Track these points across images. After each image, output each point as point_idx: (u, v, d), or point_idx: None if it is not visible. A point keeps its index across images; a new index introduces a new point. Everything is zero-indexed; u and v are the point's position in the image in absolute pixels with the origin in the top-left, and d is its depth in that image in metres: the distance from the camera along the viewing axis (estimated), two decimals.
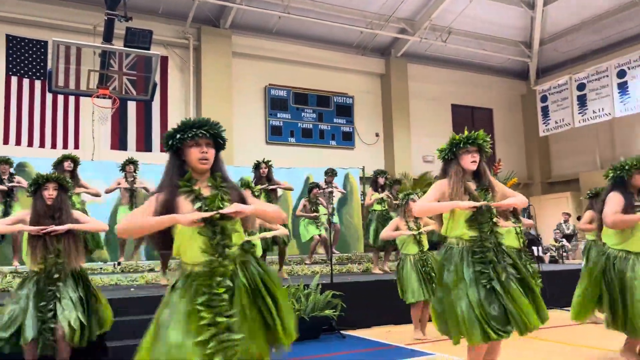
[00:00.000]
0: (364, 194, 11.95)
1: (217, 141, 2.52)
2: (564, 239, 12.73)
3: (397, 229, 5.51)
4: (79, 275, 3.89)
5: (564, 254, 12.36)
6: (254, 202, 2.52)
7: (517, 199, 3.26)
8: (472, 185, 3.27)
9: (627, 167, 4.02)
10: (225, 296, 2.32)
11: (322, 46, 13.83)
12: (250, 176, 10.34)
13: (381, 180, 8.52)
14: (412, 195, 5.62)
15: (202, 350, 2.22)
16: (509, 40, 15.16)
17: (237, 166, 11.28)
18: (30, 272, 3.83)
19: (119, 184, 7.45)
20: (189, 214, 2.31)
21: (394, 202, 8.07)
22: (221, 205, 2.37)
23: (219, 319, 2.28)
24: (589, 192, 6.48)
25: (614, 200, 3.95)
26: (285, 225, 6.74)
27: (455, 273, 3.12)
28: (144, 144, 11.79)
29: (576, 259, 12.42)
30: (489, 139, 3.34)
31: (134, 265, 8.00)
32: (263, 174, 7.67)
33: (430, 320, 3.59)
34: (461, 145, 3.28)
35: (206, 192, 2.44)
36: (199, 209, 2.36)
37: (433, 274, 5.13)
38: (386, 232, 5.61)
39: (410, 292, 5.31)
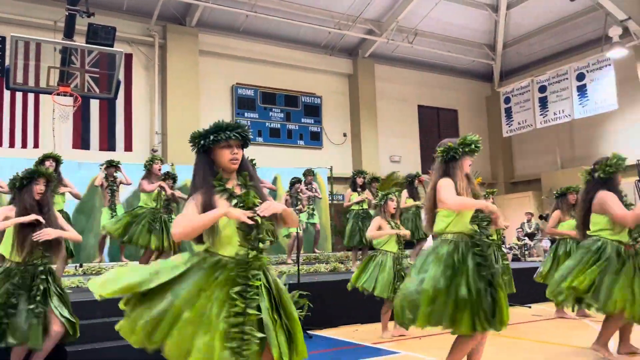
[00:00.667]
0: (332, 193, 11.99)
1: (244, 142, 2.63)
2: (526, 238, 13.04)
3: (379, 228, 5.55)
4: (52, 273, 3.88)
5: (526, 252, 12.67)
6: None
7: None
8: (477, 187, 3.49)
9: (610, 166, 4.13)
10: (259, 290, 2.41)
11: (290, 46, 13.82)
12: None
13: (360, 180, 8.54)
14: (390, 195, 5.69)
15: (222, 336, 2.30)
16: (473, 43, 15.45)
17: None
18: (11, 264, 3.75)
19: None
20: (237, 210, 2.39)
21: (373, 201, 8.11)
22: (256, 203, 2.46)
23: (250, 311, 2.35)
24: (555, 192, 6.58)
25: (614, 200, 4.07)
26: None
27: (461, 263, 3.22)
28: (107, 143, 11.54)
29: (539, 257, 12.75)
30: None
31: (96, 267, 7.82)
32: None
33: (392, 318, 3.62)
34: (471, 149, 3.42)
35: (237, 190, 2.54)
36: (235, 206, 2.45)
37: (403, 274, 5.26)
38: (373, 232, 5.60)
39: (384, 287, 5.35)
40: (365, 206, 8.41)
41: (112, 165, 7.59)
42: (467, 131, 16.56)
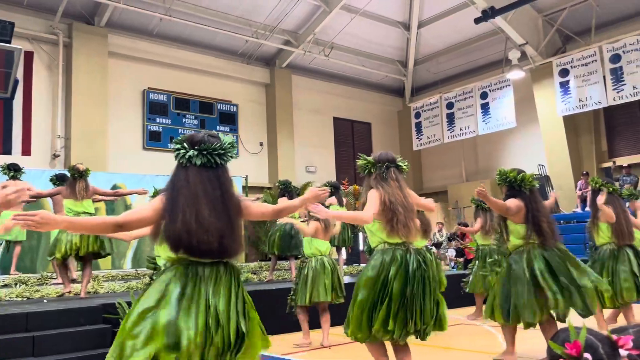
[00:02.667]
0: None
1: None
2: (433, 247, 13.59)
3: (316, 232, 5.53)
4: None
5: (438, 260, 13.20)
6: None
7: None
8: None
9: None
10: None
11: (206, 52, 13.57)
12: (124, 183, 9.87)
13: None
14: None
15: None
16: (386, 59, 16.01)
17: (111, 172, 10.68)
18: None
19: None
20: None
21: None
22: None
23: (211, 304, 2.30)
24: (475, 201, 7.00)
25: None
26: None
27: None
28: (3, 146, 10.68)
29: (446, 266, 13.32)
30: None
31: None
32: None
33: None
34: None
35: None
36: None
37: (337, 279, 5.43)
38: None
39: (321, 291, 5.36)
40: (297, 215, 8.32)
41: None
42: (380, 144, 17.14)
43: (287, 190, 8.30)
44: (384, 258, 3.39)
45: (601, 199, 5.20)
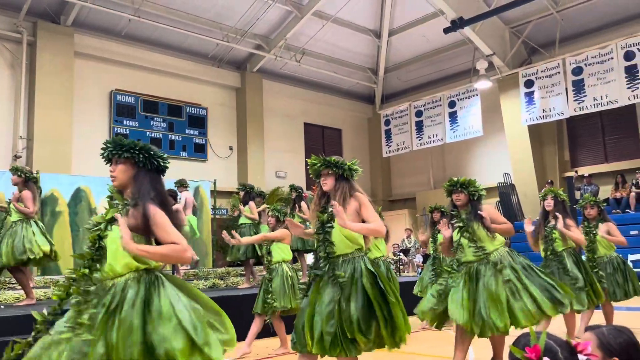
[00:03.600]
0: (215, 207, 11.74)
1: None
2: (401, 253, 13.72)
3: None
4: None
5: (401, 267, 13.32)
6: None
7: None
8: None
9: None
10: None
11: (175, 54, 13.42)
12: (88, 186, 9.65)
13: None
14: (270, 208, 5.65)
15: None
16: (357, 66, 16.13)
17: (75, 175, 10.42)
18: None
19: None
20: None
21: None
22: None
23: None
24: (429, 209, 7.12)
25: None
26: None
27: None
28: None
29: (411, 272, 13.46)
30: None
31: None
32: None
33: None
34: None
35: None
36: None
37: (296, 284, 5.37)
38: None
39: (284, 299, 5.32)
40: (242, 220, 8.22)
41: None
42: (350, 150, 17.24)
43: (249, 193, 8.22)
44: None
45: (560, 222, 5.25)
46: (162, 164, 2.59)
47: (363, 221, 3.26)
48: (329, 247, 3.24)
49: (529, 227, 5.30)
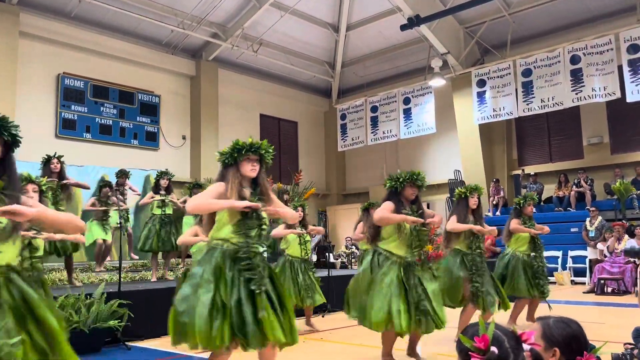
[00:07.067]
0: None
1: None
2: (353, 246, 13.85)
3: (196, 234, 5.39)
4: None
5: (353, 260, 13.46)
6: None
7: (286, 211, 3.41)
8: (247, 192, 3.26)
9: (400, 180, 4.49)
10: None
11: (127, 39, 13.00)
12: (34, 173, 9.23)
13: (163, 182, 8.14)
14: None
15: None
16: (315, 59, 16.11)
17: (18, 161, 9.93)
18: None
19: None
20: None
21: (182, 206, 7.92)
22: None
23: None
24: (362, 206, 7.31)
25: (385, 205, 4.39)
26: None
27: (212, 273, 3.02)
28: None
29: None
30: (272, 150, 3.36)
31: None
32: (55, 169, 6.85)
33: None
34: (243, 152, 3.24)
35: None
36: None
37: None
38: (186, 237, 5.50)
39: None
40: (168, 211, 8.05)
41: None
42: (306, 143, 17.22)
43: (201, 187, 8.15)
44: None
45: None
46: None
47: None
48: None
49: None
